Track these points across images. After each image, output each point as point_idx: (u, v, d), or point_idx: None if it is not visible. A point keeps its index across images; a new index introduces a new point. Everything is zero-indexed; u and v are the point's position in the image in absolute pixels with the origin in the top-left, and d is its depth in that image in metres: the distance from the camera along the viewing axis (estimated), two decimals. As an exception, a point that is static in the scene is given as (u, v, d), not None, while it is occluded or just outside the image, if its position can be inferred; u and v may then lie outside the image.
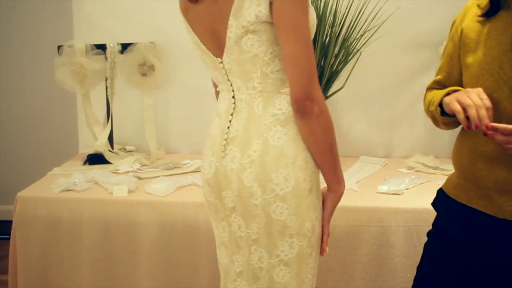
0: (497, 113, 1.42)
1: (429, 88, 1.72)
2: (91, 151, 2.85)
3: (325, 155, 1.48)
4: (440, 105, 1.55)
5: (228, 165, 1.49)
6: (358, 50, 2.64)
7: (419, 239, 2.16)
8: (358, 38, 2.61)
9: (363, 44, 2.64)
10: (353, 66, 2.66)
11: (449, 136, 2.89)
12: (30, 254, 2.32)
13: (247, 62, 1.44)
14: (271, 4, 1.36)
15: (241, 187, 1.47)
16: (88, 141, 2.96)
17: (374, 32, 2.66)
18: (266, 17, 1.38)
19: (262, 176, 1.45)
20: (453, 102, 1.42)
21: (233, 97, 1.50)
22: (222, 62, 1.49)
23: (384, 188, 2.36)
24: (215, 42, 1.49)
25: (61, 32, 3.11)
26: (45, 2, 3.39)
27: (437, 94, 1.59)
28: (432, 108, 1.59)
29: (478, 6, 1.54)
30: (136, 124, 2.98)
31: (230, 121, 1.50)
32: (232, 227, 1.53)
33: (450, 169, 2.63)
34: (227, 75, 1.50)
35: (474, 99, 1.37)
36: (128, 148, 2.99)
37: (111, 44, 2.80)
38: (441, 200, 1.67)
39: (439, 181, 2.47)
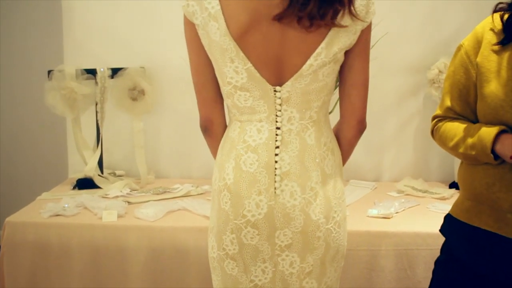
0: None
1: (441, 117, 1.64)
2: (80, 175, 2.84)
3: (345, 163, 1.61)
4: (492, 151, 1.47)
5: (288, 202, 1.43)
6: (347, 75, 2.66)
7: (409, 262, 2.16)
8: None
9: (352, 69, 2.66)
10: (342, 91, 2.68)
11: (438, 160, 2.91)
12: (19, 279, 2.30)
13: (314, 92, 1.44)
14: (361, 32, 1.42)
15: (307, 222, 1.44)
16: (78, 165, 2.95)
17: (363, 57, 2.68)
18: (352, 46, 1.42)
19: (326, 206, 1.45)
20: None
21: (278, 128, 1.44)
22: (278, 91, 1.42)
23: (374, 212, 2.36)
24: (276, 69, 1.41)
25: (51, 57, 3.11)
26: (36, 27, 3.40)
27: (470, 134, 1.50)
28: (472, 152, 1.49)
29: (492, 30, 1.50)
30: (126, 148, 2.98)
31: (277, 154, 1.43)
32: (280, 265, 1.47)
33: (439, 192, 2.65)
34: (280, 105, 1.43)
35: None
36: (118, 172, 2.99)
37: (101, 69, 2.81)
38: (450, 225, 1.62)
39: (429, 205, 2.49)
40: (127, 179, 2.87)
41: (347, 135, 1.54)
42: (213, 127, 1.54)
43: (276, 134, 1.44)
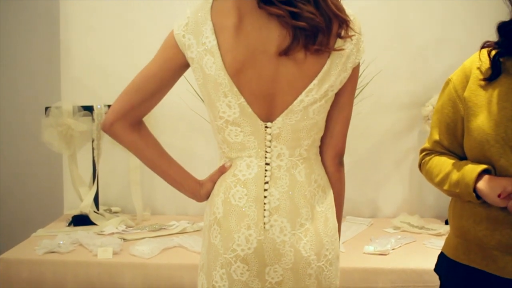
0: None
1: (428, 151, 1.67)
2: (76, 212, 2.83)
3: (342, 204, 1.57)
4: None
5: (278, 237, 1.41)
6: (342, 112, 2.68)
7: (406, 299, 2.15)
8: (342, 100, 2.66)
9: (347, 106, 2.68)
10: (338, 127, 2.70)
11: (434, 195, 2.92)
12: (12, 318, 2.28)
13: (304, 129, 1.44)
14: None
15: (297, 259, 1.42)
16: (74, 202, 2.94)
17: (357, 94, 2.71)
18: (342, 84, 1.44)
19: (317, 243, 1.44)
20: (495, 200, 1.43)
21: (267, 164, 1.44)
22: (269, 127, 1.42)
23: (370, 248, 2.36)
24: (267, 105, 1.41)
25: (49, 93, 3.14)
26: (34, 63, 3.43)
27: (455, 172, 1.53)
28: (456, 190, 1.52)
29: (479, 69, 1.53)
30: (122, 185, 2.98)
31: (266, 189, 1.43)
32: None
33: (435, 228, 2.65)
34: (270, 141, 1.43)
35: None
36: (113, 209, 2.98)
37: (98, 106, 2.83)
38: (443, 263, 1.63)
39: (425, 241, 2.49)
40: (122, 215, 2.87)
41: (330, 169, 1.52)
42: (115, 127, 1.47)
43: (266, 170, 1.44)
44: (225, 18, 1.37)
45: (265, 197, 1.42)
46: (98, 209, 2.88)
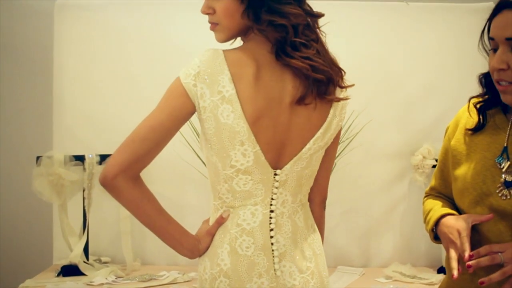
0: (480, 226, 1.49)
1: (427, 195, 1.77)
2: (65, 262, 2.80)
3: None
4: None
5: (289, 282, 1.46)
6: (332, 161, 2.70)
7: None
8: (332, 150, 2.68)
9: (338, 156, 2.70)
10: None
11: (425, 244, 2.91)
12: None
13: (306, 176, 1.50)
14: None
15: None
16: (63, 252, 2.91)
17: (348, 144, 2.74)
18: (336, 132, 1.53)
19: (321, 284, 1.50)
20: (446, 248, 1.51)
21: (272, 211, 1.47)
22: (278, 174, 1.46)
23: (362, 299, 2.34)
24: (277, 153, 1.45)
25: (41, 143, 3.14)
26: (26, 112, 3.44)
27: (432, 211, 1.62)
28: (427, 227, 1.63)
29: (467, 119, 1.60)
30: (112, 234, 2.95)
31: (272, 236, 1.46)
32: None
33: (428, 277, 2.65)
34: (277, 188, 1.47)
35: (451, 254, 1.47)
36: (103, 259, 2.95)
37: (90, 155, 2.83)
38: None
39: (417, 291, 2.48)
40: (112, 266, 2.84)
41: (317, 214, 1.60)
42: (118, 180, 1.40)
43: (270, 217, 1.46)
44: (244, 68, 1.40)
45: (272, 244, 1.45)
46: (88, 259, 2.85)
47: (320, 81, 1.42)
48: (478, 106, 1.57)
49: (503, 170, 1.48)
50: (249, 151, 1.41)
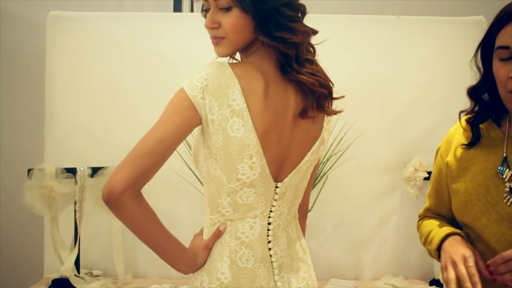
0: (486, 236, 1.49)
1: (422, 217, 1.77)
2: (56, 275, 2.78)
3: None
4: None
5: None
6: (324, 174, 2.70)
7: None
8: (324, 162, 2.69)
9: (329, 168, 2.71)
10: (320, 189, 2.72)
11: (417, 256, 2.92)
12: None
13: (300, 188, 1.55)
14: None
15: None
16: (54, 265, 2.88)
17: (340, 157, 2.74)
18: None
19: None
20: (444, 266, 1.48)
21: (269, 223, 1.48)
22: (278, 187, 1.48)
23: (354, 311, 2.34)
24: (279, 166, 1.47)
25: (32, 155, 3.13)
26: (18, 125, 3.43)
27: (434, 230, 1.62)
28: (429, 247, 1.62)
29: (461, 135, 1.62)
30: (103, 247, 2.94)
31: (270, 249, 1.48)
32: None
33: (419, 291, 2.64)
34: (276, 200, 1.49)
35: (460, 270, 1.43)
36: (95, 272, 2.93)
37: (81, 168, 2.82)
38: None
39: (409, 304, 2.47)
40: (104, 279, 2.82)
41: (301, 225, 1.64)
42: (125, 197, 1.32)
43: (268, 229, 1.48)
44: (254, 83, 1.41)
45: (270, 256, 1.47)
46: (79, 272, 2.83)
47: (323, 95, 1.46)
48: (470, 121, 1.59)
49: (506, 179, 1.50)
50: (257, 164, 1.42)
